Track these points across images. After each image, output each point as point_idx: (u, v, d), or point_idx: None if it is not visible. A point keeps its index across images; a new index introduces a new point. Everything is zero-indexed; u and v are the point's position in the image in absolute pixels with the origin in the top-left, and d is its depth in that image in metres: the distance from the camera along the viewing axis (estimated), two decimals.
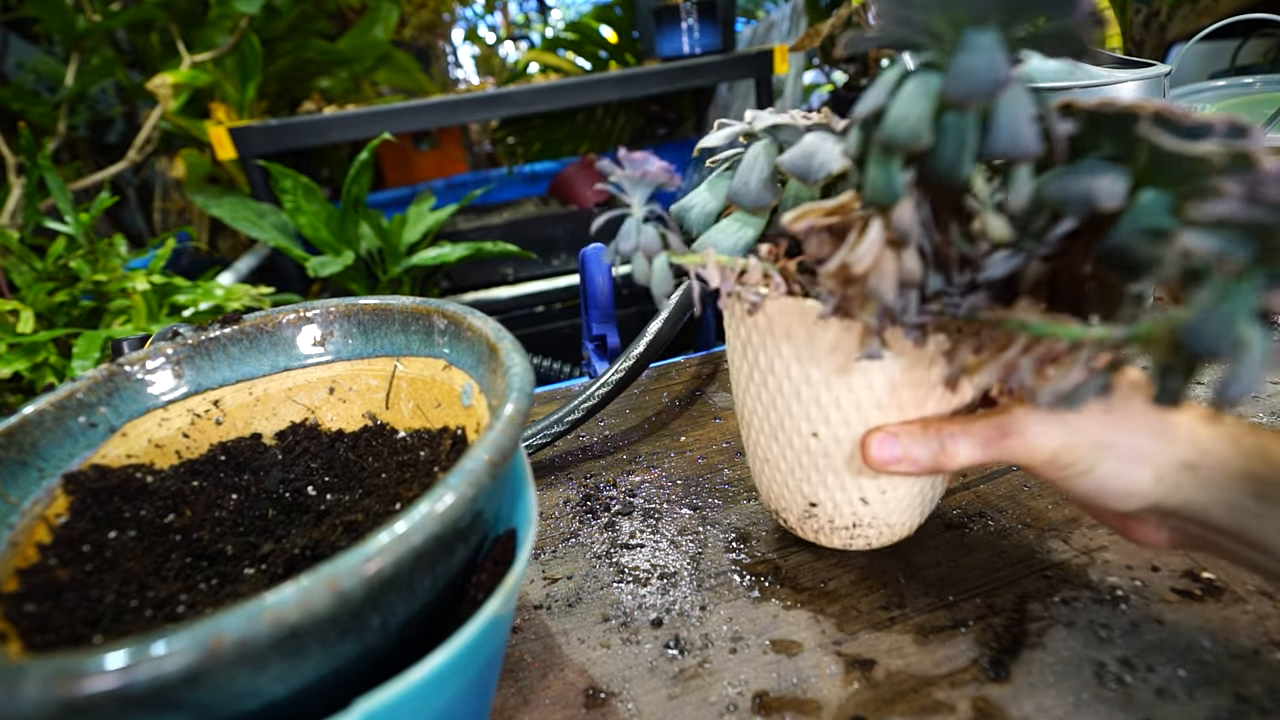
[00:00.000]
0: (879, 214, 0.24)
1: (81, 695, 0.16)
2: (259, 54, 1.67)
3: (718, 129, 0.35)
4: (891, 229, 0.24)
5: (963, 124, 0.22)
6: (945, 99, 0.21)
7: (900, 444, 0.30)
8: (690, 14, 1.75)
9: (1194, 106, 0.81)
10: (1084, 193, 0.22)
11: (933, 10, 0.21)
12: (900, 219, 0.23)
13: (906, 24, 0.22)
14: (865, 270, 0.24)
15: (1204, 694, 0.30)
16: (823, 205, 0.26)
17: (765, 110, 0.33)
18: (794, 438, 0.33)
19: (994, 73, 0.20)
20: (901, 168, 0.23)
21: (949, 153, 0.22)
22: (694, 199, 0.34)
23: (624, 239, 0.29)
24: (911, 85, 0.22)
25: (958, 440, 0.30)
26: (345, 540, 0.30)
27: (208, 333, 0.37)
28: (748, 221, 0.33)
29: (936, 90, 0.22)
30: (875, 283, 0.24)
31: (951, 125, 0.22)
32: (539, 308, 1.82)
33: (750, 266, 0.30)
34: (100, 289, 0.99)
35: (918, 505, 0.36)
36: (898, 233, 0.24)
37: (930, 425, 0.30)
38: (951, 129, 0.22)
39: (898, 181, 0.23)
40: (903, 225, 0.24)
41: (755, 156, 0.32)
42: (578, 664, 0.35)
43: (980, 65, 0.20)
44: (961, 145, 0.22)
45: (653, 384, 0.62)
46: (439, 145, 2.45)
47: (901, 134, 0.22)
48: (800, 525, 0.37)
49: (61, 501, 0.31)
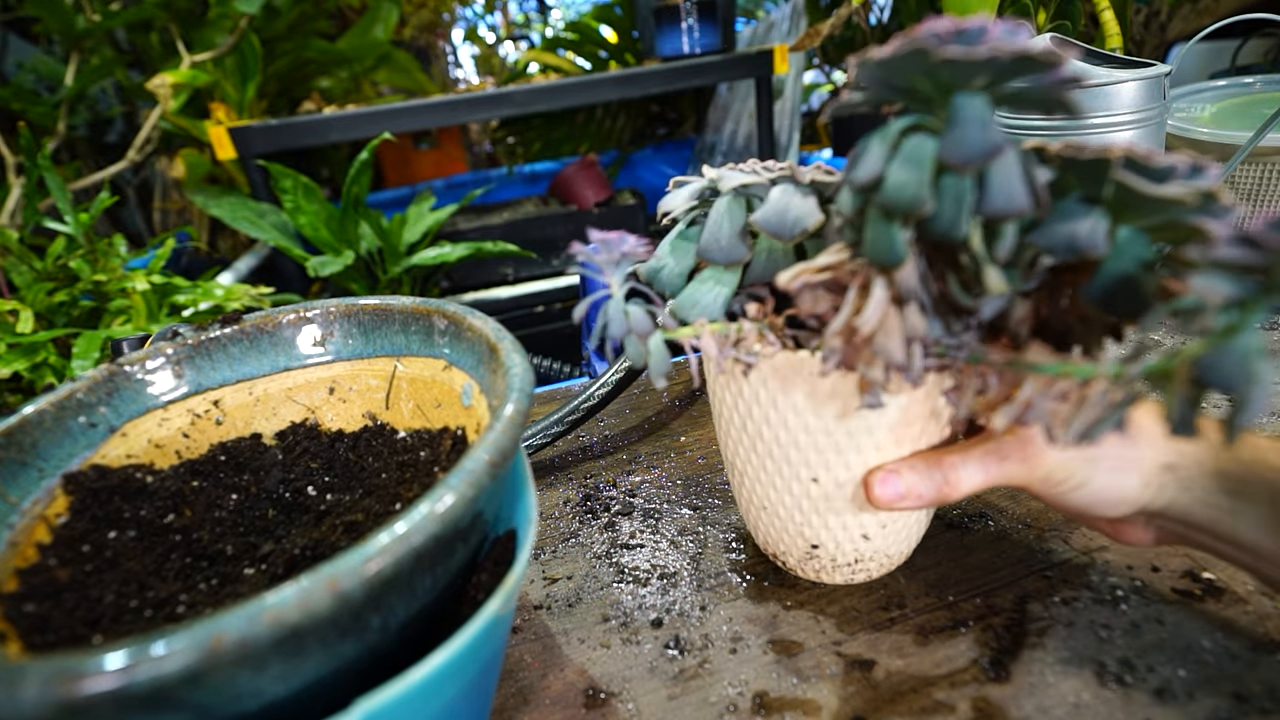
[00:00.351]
0: (880, 274, 0.25)
1: (81, 695, 0.16)
2: (259, 54, 1.66)
3: (674, 188, 0.35)
4: (895, 288, 0.25)
5: (960, 187, 0.23)
6: (944, 164, 0.22)
7: (903, 480, 0.31)
8: (690, 14, 1.75)
9: (1194, 106, 0.81)
10: (1068, 239, 0.24)
11: (917, 75, 0.22)
12: (904, 279, 0.24)
13: (890, 87, 0.23)
14: (872, 331, 0.25)
15: (1204, 694, 0.30)
16: (815, 264, 0.27)
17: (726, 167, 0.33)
18: (793, 484, 0.33)
19: (989, 139, 0.22)
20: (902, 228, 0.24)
21: (948, 214, 0.23)
22: (661, 261, 0.35)
23: (613, 323, 0.29)
24: (907, 150, 0.23)
25: (958, 470, 0.30)
26: (345, 540, 0.30)
27: (208, 333, 0.37)
28: (721, 278, 0.33)
29: (933, 155, 0.23)
30: (883, 341, 0.25)
31: (950, 189, 0.23)
32: (539, 308, 1.82)
33: (745, 330, 0.30)
34: (100, 289, 0.99)
35: (915, 532, 0.36)
36: (902, 292, 0.25)
37: (931, 459, 0.31)
38: (950, 191, 0.23)
39: (900, 244, 0.24)
40: (907, 285, 0.24)
41: (721, 213, 0.32)
42: (578, 664, 0.35)
43: (974, 133, 0.22)
44: (960, 207, 0.23)
45: (652, 384, 0.62)
46: (439, 145, 2.45)
47: (904, 200, 0.23)
48: (801, 566, 0.37)
49: (61, 501, 0.31)
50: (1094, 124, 0.61)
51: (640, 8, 1.77)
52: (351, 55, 1.90)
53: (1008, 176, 0.22)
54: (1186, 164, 0.22)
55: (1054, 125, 0.63)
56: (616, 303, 0.29)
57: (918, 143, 0.23)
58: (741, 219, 0.32)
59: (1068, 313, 0.27)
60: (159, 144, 1.79)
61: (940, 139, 0.22)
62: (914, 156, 0.23)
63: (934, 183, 0.23)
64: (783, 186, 0.31)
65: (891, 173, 0.23)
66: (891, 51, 0.22)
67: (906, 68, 0.22)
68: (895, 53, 0.22)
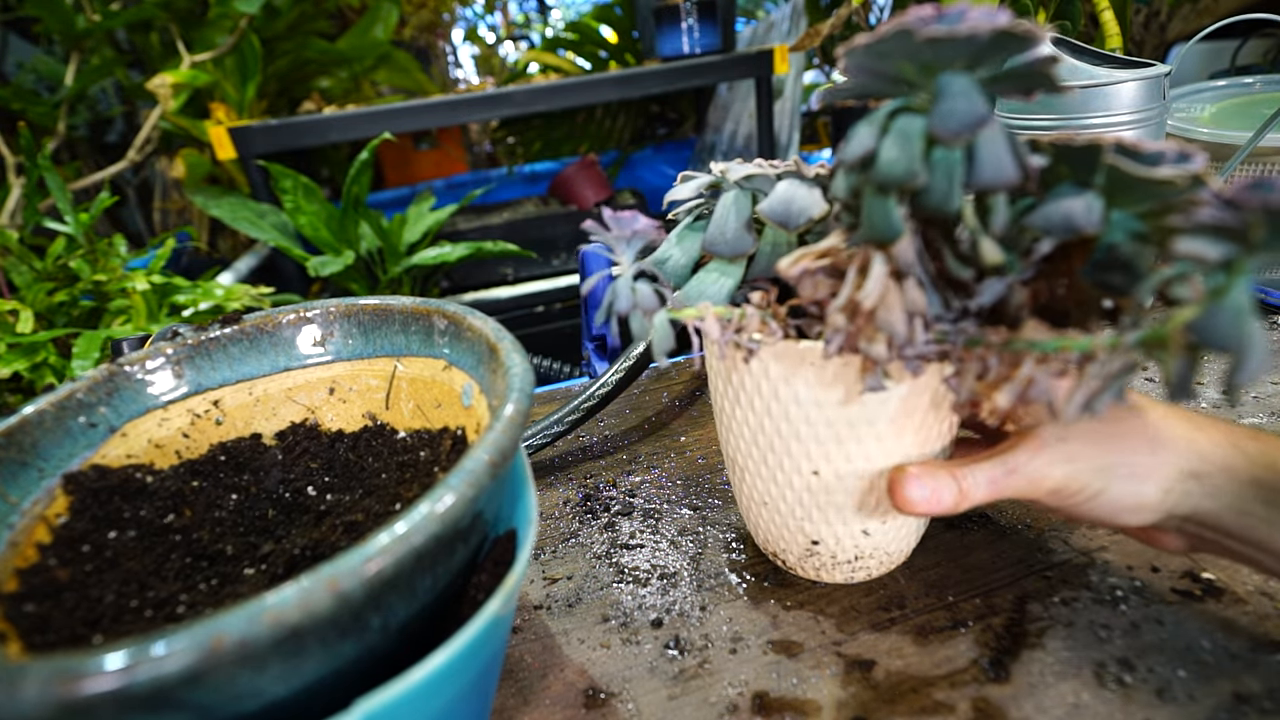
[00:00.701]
0: (879, 250, 0.25)
1: (81, 696, 0.16)
2: (259, 54, 1.67)
3: (682, 182, 0.35)
4: (894, 263, 0.25)
5: (950, 159, 0.24)
6: (934, 137, 0.23)
7: (928, 485, 0.30)
8: (690, 14, 1.75)
9: (1194, 106, 0.81)
10: (1064, 218, 0.24)
11: (902, 60, 0.23)
12: (902, 253, 0.25)
13: (877, 75, 0.24)
14: (874, 305, 0.25)
15: (1204, 694, 0.30)
16: (814, 249, 0.28)
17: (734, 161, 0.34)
18: (794, 478, 0.33)
19: (975, 110, 0.22)
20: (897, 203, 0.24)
21: (940, 187, 0.24)
22: (668, 251, 0.35)
23: (619, 299, 0.30)
24: (897, 128, 0.24)
25: (967, 480, 0.30)
26: (345, 540, 0.30)
27: (208, 333, 0.37)
28: (726, 270, 0.33)
29: (922, 131, 0.23)
30: (884, 315, 0.25)
31: (940, 161, 0.24)
32: (539, 308, 1.82)
33: (748, 315, 0.30)
34: (100, 289, 0.99)
35: (915, 530, 0.36)
36: (900, 266, 0.25)
37: (947, 467, 0.31)
38: (941, 165, 0.24)
39: (897, 218, 0.24)
40: (905, 259, 0.25)
41: (728, 206, 0.33)
42: (578, 664, 0.35)
43: (961, 105, 0.23)
44: (951, 179, 0.24)
45: (653, 384, 0.62)
46: (439, 145, 2.45)
47: (897, 173, 0.24)
48: (801, 564, 0.37)
49: (61, 501, 0.31)
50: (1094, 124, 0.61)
51: (640, 8, 1.77)
52: (351, 55, 1.90)
53: (995, 148, 0.23)
54: (1174, 150, 0.23)
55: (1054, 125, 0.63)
56: (625, 279, 0.30)
57: (906, 121, 0.24)
58: (747, 212, 0.33)
59: (1065, 298, 0.27)
60: (159, 144, 1.79)
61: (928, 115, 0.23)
62: (904, 133, 0.24)
63: (925, 157, 0.23)
64: (788, 180, 0.32)
65: (884, 149, 0.24)
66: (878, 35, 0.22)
67: (892, 51, 0.23)
68: (881, 36, 0.22)
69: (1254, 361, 0.20)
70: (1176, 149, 0.23)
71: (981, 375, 0.26)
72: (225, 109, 1.68)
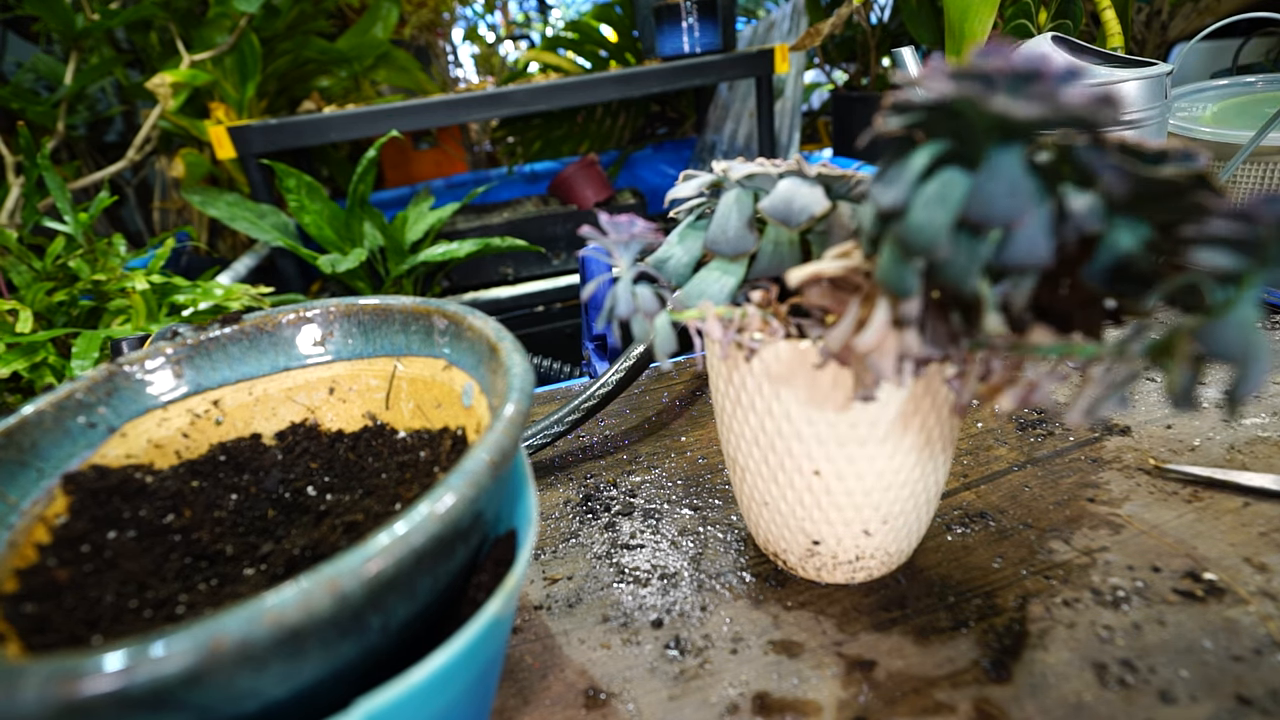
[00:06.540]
0: (886, 295, 0.25)
1: (81, 696, 0.16)
2: (258, 53, 1.66)
3: (684, 180, 0.35)
4: (897, 313, 0.25)
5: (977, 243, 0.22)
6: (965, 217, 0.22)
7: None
8: (690, 13, 1.75)
9: (1196, 106, 0.80)
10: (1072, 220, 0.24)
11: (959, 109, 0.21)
12: (907, 310, 0.25)
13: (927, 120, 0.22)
14: (869, 351, 0.25)
15: (1206, 695, 0.30)
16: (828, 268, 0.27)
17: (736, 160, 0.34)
18: (795, 477, 0.33)
19: (1018, 202, 0.21)
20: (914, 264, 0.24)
21: (960, 265, 0.23)
22: (669, 251, 0.35)
23: (620, 303, 0.30)
24: (934, 188, 0.22)
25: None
26: (345, 541, 0.30)
27: (207, 333, 0.37)
28: (728, 269, 0.33)
29: (959, 202, 0.22)
30: (876, 359, 0.25)
31: (966, 241, 0.23)
32: (539, 308, 1.83)
33: (750, 314, 0.30)
34: (99, 289, 0.99)
35: (916, 530, 0.36)
36: (903, 319, 0.25)
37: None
38: (966, 244, 0.23)
39: (910, 279, 0.24)
40: (909, 316, 0.25)
41: (730, 205, 0.33)
42: (578, 665, 0.35)
43: (1003, 191, 0.21)
44: (973, 260, 0.23)
45: (653, 384, 0.62)
46: (439, 145, 2.45)
47: (920, 242, 0.23)
48: (802, 565, 0.37)
49: (61, 502, 0.31)
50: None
51: (640, 7, 1.77)
52: (351, 55, 1.90)
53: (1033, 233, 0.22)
54: (1179, 150, 0.22)
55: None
56: (625, 283, 0.30)
57: (948, 180, 0.22)
58: (749, 210, 0.32)
59: (1068, 300, 0.27)
60: (158, 143, 1.79)
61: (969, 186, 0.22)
62: (942, 196, 0.22)
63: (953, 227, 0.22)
64: (790, 179, 0.32)
65: (915, 209, 0.23)
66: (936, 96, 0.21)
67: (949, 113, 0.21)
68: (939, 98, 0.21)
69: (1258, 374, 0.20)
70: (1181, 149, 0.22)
71: (984, 377, 0.26)
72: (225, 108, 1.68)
